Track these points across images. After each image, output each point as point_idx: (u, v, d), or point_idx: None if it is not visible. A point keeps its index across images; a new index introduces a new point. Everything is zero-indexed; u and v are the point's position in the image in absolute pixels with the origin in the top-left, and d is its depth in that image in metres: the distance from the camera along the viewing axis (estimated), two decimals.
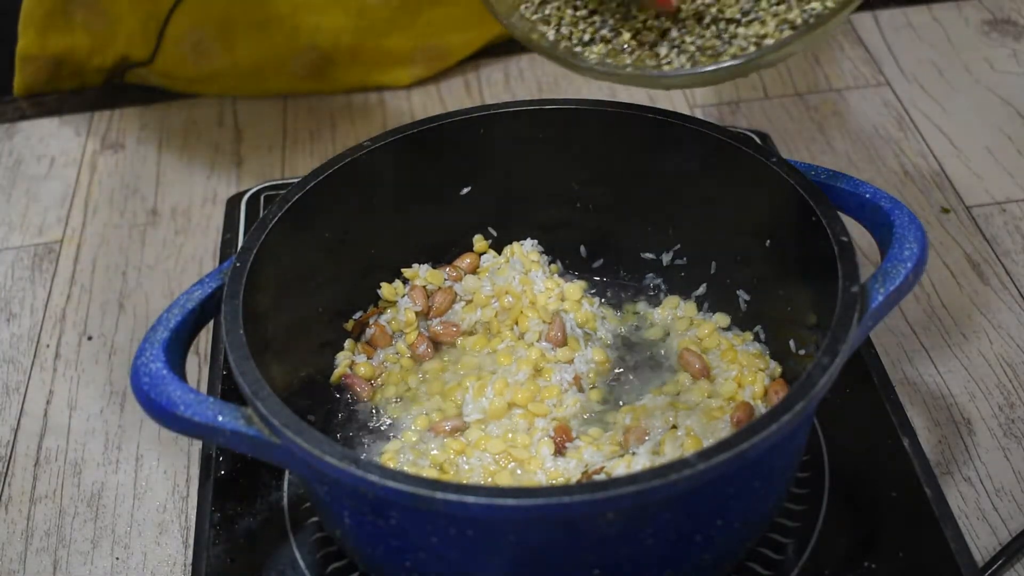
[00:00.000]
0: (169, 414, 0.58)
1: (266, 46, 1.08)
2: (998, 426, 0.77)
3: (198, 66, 1.09)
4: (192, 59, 1.09)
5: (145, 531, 0.74)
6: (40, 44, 1.09)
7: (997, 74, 1.09)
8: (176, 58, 1.09)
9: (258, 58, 1.09)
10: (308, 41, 1.09)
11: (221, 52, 1.09)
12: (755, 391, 0.70)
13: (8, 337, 0.89)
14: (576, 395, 0.71)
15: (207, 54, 1.09)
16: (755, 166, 0.68)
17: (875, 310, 0.59)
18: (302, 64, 1.10)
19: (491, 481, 0.65)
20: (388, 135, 0.73)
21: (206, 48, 1.08)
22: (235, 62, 1.09)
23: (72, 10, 1.07)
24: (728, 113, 1.06)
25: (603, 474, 0.63)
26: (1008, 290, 0.87)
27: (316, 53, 1.09)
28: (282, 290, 0.68)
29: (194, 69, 1.10)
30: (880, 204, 0.65)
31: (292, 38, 1.08)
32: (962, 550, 0.63)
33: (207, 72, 1.10)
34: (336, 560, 0.66)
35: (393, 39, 1.10)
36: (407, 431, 0.70)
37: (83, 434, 0.81)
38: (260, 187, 0.92)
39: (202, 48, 1.08)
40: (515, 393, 0.69)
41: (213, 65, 1.09)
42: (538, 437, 0.67)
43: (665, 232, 0.77)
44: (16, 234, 0.99)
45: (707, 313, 0.76)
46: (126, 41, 1.09)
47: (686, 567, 0.59)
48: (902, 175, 0.98)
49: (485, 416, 0.69)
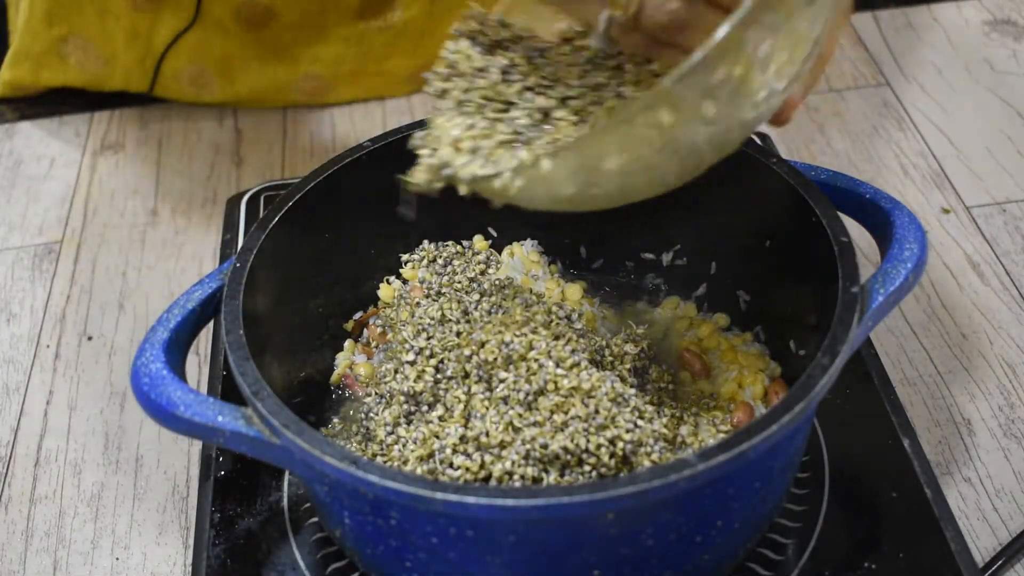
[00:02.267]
0: (169, 414, 0.58)
1: (266, 77, 1.08)
2: (998, 426, 0.77)
3: (198, 95, 1.09)
4: (192, 90, 1.09)
5: (145, 531, 0.74)
6: (34, 76, 1.09)
7: (997, 74, 1.09)
8: (174, 89, 1.09)
9: (258, 88, 1.09)
10: (308, 70, 1.09)
11: (220, 85, 1.09)
12: (755, 391, 0.70)
13: (8, 337, 0.89)
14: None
15: (207, 86, 1.09)
16: (755, 166, 0.68)
17: (875, 310, 0.59)
18: (302, 91, 1.10)
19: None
20: (388, 135, 0.73)
21: (205, 81, 1.08)
22: (235, 92, 1.09)
23: (67, 51, 1.07)
24: None
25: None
26: (1008, 290, 0.87)
27: (316, 81, 1.09)
28: (282, 290, 0.68)
29: (194, 96, 1.10)
30: (880, 204, 0.65)
31: (292, 68, 1.08)
32: (962, 550, 0.63)
33: (207, 99, 1.10)
34: (336, 560, 0.66)
35: (393, 62, 1.10)
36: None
37: (83, 434, 0.81)
38: (260, 187, 0.92)
39: (201, 81, 1.08)
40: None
41: (213, 95, 1.09)
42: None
43: (665, 232, 0.77)
44: (16, 234, 0.99)
45: (707, 313, 0.76)
46: (123, 77, 1.09)
47: (686, 567, 0.59)
48: (902, 175, 0.98)
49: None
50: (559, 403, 0.60)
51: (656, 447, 0.61)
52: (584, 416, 0.60)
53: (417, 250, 0.78)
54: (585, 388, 0.61)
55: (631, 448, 0.60)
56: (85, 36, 1.06)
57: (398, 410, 0.64)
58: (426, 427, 0.62)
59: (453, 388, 0.63)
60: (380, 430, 0.65)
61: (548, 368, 0.62)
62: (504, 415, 0.60)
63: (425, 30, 1.08)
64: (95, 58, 1.07)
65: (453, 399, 0.62)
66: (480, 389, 0.62)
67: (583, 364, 0.63)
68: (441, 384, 0.64)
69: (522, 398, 0.61)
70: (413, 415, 0.64)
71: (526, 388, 0.61)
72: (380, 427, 0.65)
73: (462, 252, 0.78)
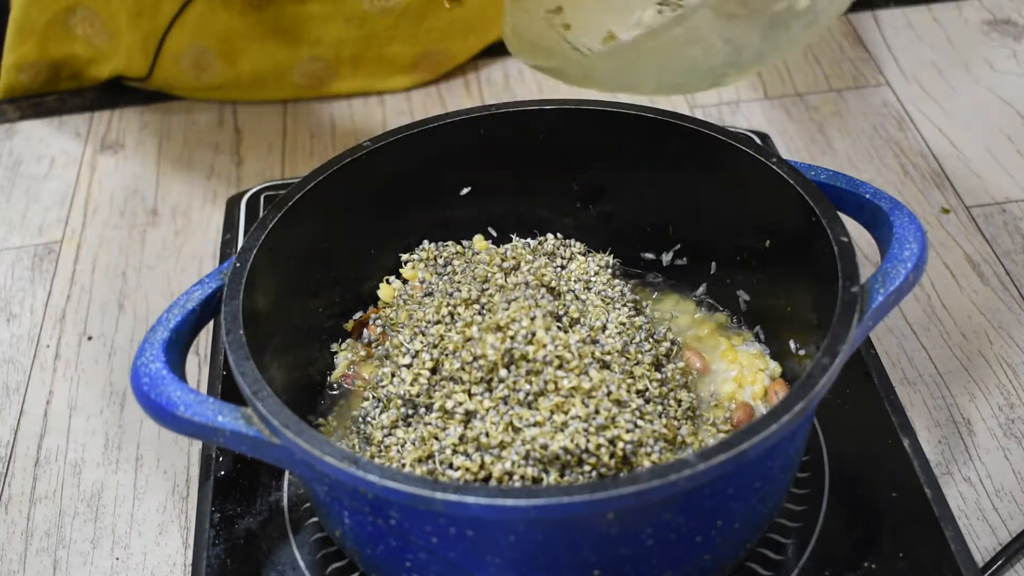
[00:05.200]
0: (169, 414, 0.58)
1: (268, 59, 1.08)
2: (998, 426, 0.77)
3: (198, 79, 1.09)
4: (192, 73, 1.09)
5: (145, 531, 0.74)
6: (40, 51, 1.09)
7: (997, 74, 1.09)
8: (174, 73, 1.09)
9: (260, 70, 1.09)
10: (310, 52, 1.09)
11: (222, 66, 1.09)
12: (755, 391, 0.70)
13: (8, 337, 0.89)
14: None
15: (208, 68, 1.09)
16: (755, 166, 0.68)
17: (875, 310, 0.59)
18: (303, 74, 1.10)
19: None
20: (388, 135, 0.73)
21: (207, 63, 1.08)
22: (236, 75, 1.09)
23: (73, 23, 1.07)
24: (728, 113, 1.06)
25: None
26: (1008, 290, 0.87)
27: (318, 64, 1.09)
28: (282, 290, 0.68)
29: (194, 81, 1.10)
30: (880, 204, 0.65)
31: (294, 50, 1.08)
32: (962, 550, 0.63)
33: (207, 84, 1.10)
34: (336, 560, 0.66)
35: (395, 47, 1.10)
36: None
37: (83, 434, 0.81)
38: (260, 187, 0.92)
39: (203, 63, 1.08)
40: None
41: (214, 78, 1.09)
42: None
43: (665, 232, 0.77)
44: (16, 234, 0.99)
45: (707, 313, 0.77)
46: (125, 57, 1.09)
47: (686, 567, 0.59)
48: (902, 175, 0.98)
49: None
50: (559, 403, 0.60)
51: (656, 447, 0.61)
52: (584, 416, 0.60)
53: (417, 250, 0.78)
54: (585, 388, 0.61)
55: (631, 448, 0.60)
56: (92, 7, 1.06)
57: (395, 414, 0.64)
58: (424, 428, 0.62)
59: (452, 388, 0.63)
60: (377, 432, 0.65)
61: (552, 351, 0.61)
62: (504, 415, 0.60)
63: (425, 13, 1.08)
64: (101, 32, 1.07)
65: (452, 400, 0.62)
66: (480, 390, 0.62)
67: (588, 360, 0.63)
68: (438, 386, 0.64)
69: (522, 398, 0.61)
70: (411, 418, 0.64)
71: (526, 388, 0.61)
72: (377, 430, 0.65)
73: (462, 252, 0.78)
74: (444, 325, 0.66)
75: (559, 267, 0.74)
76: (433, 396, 0.63)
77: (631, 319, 0.69)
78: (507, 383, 0.61)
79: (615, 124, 0.73)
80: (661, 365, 0.69)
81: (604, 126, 0.73)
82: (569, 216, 0.78)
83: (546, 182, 0.77)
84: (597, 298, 0.70)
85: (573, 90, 1.11)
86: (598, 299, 0.70)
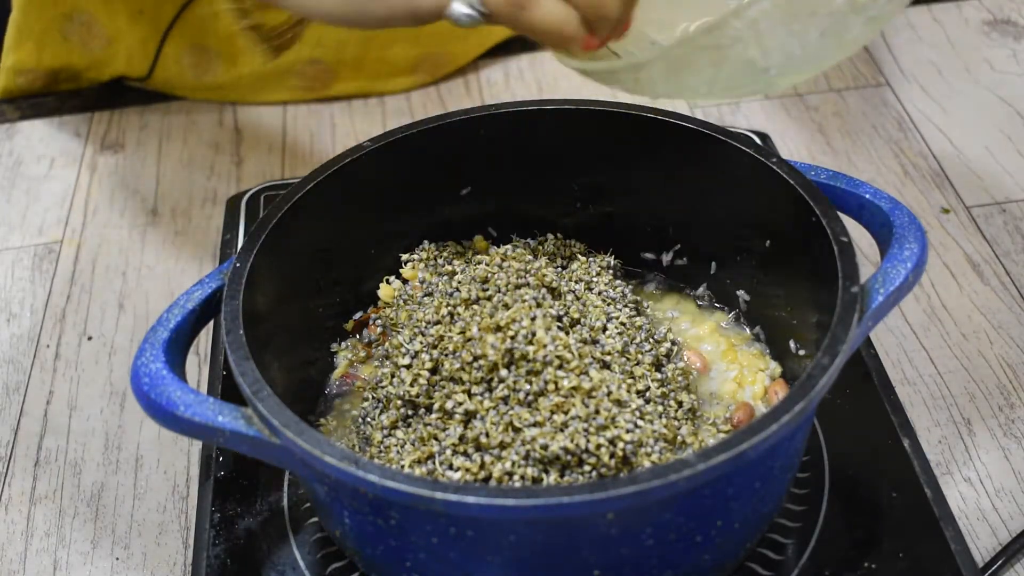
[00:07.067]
0: (169, 414, 0.58)
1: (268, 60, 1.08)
2: (998, 426, 0.77)
3: (198, 79, 1.09)
4: (192, 73, 1.09)
5: (145, 531, 0.74)
6: (36, 59, 1.09)
7: (997, 74, 1.09)
8: (174, 73, 1.09)
9: (260, 72, 1.09)
10: (311, 54, 1.09)
11: (223, 67, 1.09)
12: (755, 391, 0.70)
13: (8, 337, 0.89)
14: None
15: (209, 69, 1.09)
16: (755, 166, 0.68)
17: (875, 310, 0.59)
18: (304, 76, 1.10)
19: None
20: (388, 135, 0.73)
21: (207, 64, 1.08)
22: (237, 76, 1.09)
23: (69, 29, 1.07)
24: (728, 113, 1.06)
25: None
26: (1008, 290, 0.87)
27: (319, 66, 1.09)
28: (282, 290, 0.68)
29: (194, 82, 1.10)
30: (880, 204, 0.65)
31: (295, 51, 1.08)
32: (962, 550, 0.63)
33: (207, 84, 1.10)
34: (336, 560, 0.66)
35: (396, 50, 1.10)
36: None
37: (83, 434, 0.81)
38: (260, 187, 0.92)
39: (203, 64, 1.08)
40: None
41: (214, 79, 1.09)
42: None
43: (665, 232, 0.77)
44: (16, 234, 0.99)
45: (707, 313, 0.76)
46: (124, 59, 1.09)
47: (686, 567, 0.59)
48: (902, 175, 0.98)
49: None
50: (559, 403, 0.60)
51: (656, 447, 0.61)
52: (584, 416, 0.60)
53: (417, 250, 0.78)
54: (585, 388, 0.61)
55: (631, 448, 0.60)
56: (89, 12, 1.06)
57: (395, 415, 0.64)
58: (424, 429, 0.62)
59: (452, 389, 0.63)
60: (377, 433, 0.65)
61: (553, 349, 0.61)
62: (504, 415, 0.60)
63: None
64: (98, 37, 1.07)
65: (452, 400, 0.62)
66: (480, 390, 0.62)
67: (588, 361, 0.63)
68: (438, 386, 0.64)
69: (522, 398, 0.61)
70: (411, 418, 0.64)
71: (526, 388, 0.61)
72: (377, 430, 0.65)
73: (462, 252, 0.78)
74: (444, 325, 0.66)
75: (559, 267, 0.74)
76: (433, 396, 0.63)
77: (631, 319, 0.69)
78: (507, 383, 0.61)
79: (615, 124, 0.73)
80: (661, 365, 0.69)
81: (604, 126, 0.73)
82: (569, 216, 0.78)
83: (546, 182, 0.77)
84: (598, 298, 0.70)
85: (573, 90, 1.12)
86: (599, 299, 0.70)
